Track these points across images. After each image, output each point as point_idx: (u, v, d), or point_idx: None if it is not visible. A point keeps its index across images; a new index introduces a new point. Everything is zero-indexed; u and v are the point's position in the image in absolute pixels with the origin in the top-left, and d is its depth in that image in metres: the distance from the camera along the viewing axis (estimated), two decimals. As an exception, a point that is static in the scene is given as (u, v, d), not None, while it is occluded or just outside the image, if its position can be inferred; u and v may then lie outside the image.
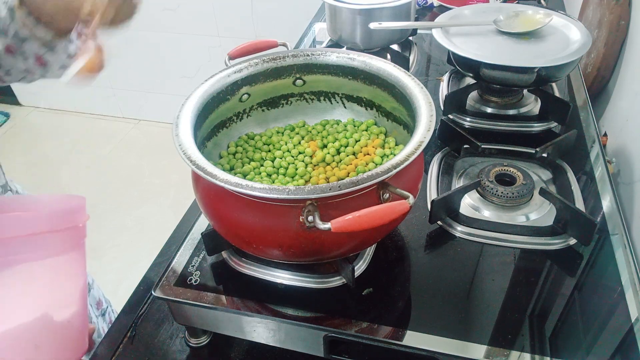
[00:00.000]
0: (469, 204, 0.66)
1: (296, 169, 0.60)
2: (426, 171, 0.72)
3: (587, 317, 0.52)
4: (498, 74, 0.76)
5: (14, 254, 0.40)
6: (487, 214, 0.65)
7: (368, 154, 0.61)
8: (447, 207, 0.64)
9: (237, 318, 0.54)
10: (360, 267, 0.56)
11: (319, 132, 0.66)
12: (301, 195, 0.42)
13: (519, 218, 0.64)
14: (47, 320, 0.43)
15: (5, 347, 0.40)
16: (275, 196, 0.43)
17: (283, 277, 0.56)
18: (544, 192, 0.63)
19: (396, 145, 0.62)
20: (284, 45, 0.68)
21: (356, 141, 0.63)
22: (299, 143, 0.65)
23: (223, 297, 0.54)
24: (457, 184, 0.70)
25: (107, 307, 0.85)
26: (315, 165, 0.61)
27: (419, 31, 1.13)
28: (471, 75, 0.84)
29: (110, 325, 0.80)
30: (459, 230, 0.62)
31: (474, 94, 0.88)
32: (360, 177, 0.44)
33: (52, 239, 0.43)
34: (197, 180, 0.53)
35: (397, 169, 0.45)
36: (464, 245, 0.61)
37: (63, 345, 0.45)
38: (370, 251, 0.58)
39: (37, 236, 0.41)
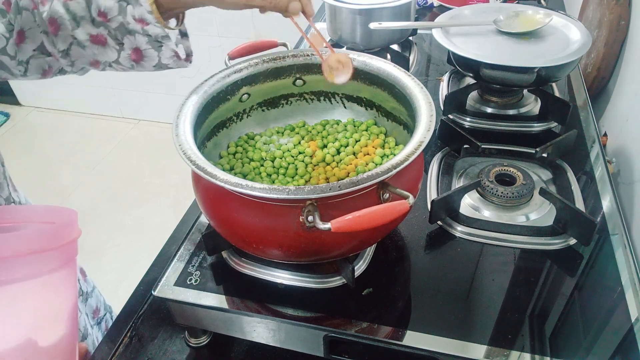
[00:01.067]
0: (469, 204, 0.66)
1: (296, 169, 0.60)
2: (426, 171, 0.72)
3: (587, 317, 0.52)
4: (498, 74, 0.76)
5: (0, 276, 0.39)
6: (487, 214, 0.65)
7: (368, 154, 0.61)
8: (447, 207, 0.64)
9: (237, 318, 0.54)
10: (360, 267, 0.56)
11: (319, 132, 0.66)
12: (301, 195, 0.42)
13: (519, 218, 0.64)
14: (33, 344, 0.41)
15: None
16: (275, 196, 0.43)
17: (283, 277, 0.56)
18: (544, 192, 0.63)
19: (396, 145, 0.62)
20: (284, 45, 0.68)
21: (356, 141, 0.63)
22: (299, 143, 0.65)
23: (223, 297, 0.54)
24: (457, 184, 0.70)
25: (106, 314, 0.83)
26: (315, 165, 0.61)
27: (419, 31, 1.13)
28: (471, 75, 0.84)
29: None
30: (459, 230, 0.62)
31: (474, 94, 0.88)
32: (360, 177, 0.44)
33: (40, 259, 0.41)
34: (197, 180, 0.53)
35: (397, 169, 0.45)
36: (464, 245, 0.61)
37: None
38: (370, 251, 0.58)
39: (24, 257, 0.39)
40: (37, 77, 0.58)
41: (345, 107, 0.68)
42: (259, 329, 0.54)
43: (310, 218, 0.44)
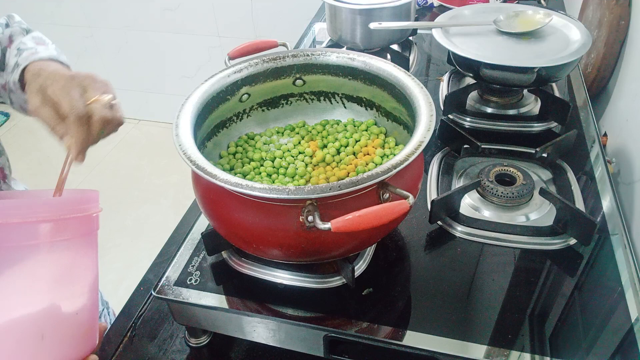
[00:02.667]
0: (469, 204, 0.66)
1: (296, 169, 0.60)
2: (426, 171, 0.72)
3: (587, 317, 0.52)
4: (498, 74, 0.76)
5: (24, 240, 0.40)
6: (487, 214, 0.65)
7: (368, 154, 0.61)
8: (447, 207, 0.64)
9: (237, 318, 0.54)
10: (360, 267, 0.56)
11: (319, 132, 0.66)
12: (301, 195, 0.42)
13: (519, 218, 0.64)
14: (54, 311, 0.42)
15: (10, 337, 0.40)
16: (275, 196, 0.43)
17: (283, 277, 0.56)
18: (544, 192, 0.63)
19: (396, 145, 0.62)
20: (284, 45, 0.68)
21: (356, 141, 0.63)
22: (299, 143, 0.65)
23: (223, 297, 0.54)
24: (457, 184, 0.70)
25: (104, 309, 0.84)
26: (315, 165, 0.61)
27: (419, 31, 1.13)
28: (471, 75, 0.84)
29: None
30: (459, 230, 0.62)
31: (474, 94, 0.88)
32: (360, 177, 0.44)
33: (62, 227, 0.42)
34: (197, 180, 0.53)
35: (397, 169, 0.45)
36: (464, 245, 0.61)
37: (70, 338, 0.44)
38: (370, 251, 0.58)
39: (47, 223, 0.41)
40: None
41: (345, 107, 0.68)
42: (259, 329, 0.54)
43: (310, 218, 0.44)
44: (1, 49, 0.59)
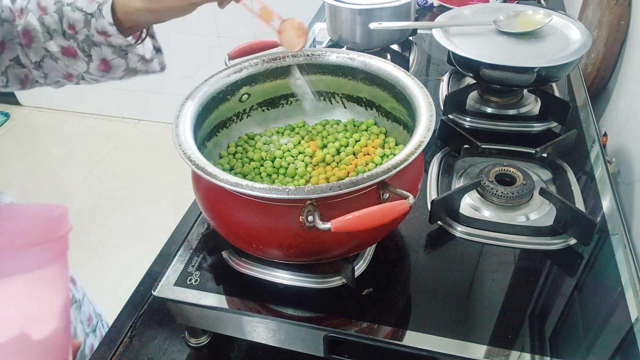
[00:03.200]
0: (469, 204, 0.66)
1: (296, 169, 0.60)
2: (426, 171, 0.72)
3: (587, 317, 0.52)
4: (498, 74, 0.76)
5: None
6: (487, 214, 0.65)
7: (368, 154, 0.61)
8: (447, 207, 0.64)
9: (237, 318, 0.54)
10: (360, 267, 0.56)
11: (319, 132, 0.66)
12: (301, 195, 0.43)
13: (519, 218, 0.64)
14: (26, 338, 0.41)
15: None
16: (275, 196, 0.43)
17: (283, 277, 0.56)
18: (544, 192, 0.63)
19: (396, 145, 0.62)
20: (284, 45, 0.68)
21: (356, 141, 0.63)
22: (299, 143, 0.65)
23: (223, 297, 0.54)
24: (457, 184, 0.70)
25: (97, 322, 0.83)
26: (315, 165, 0.61)
27: (419, 31, 1.13)
28: (471, 75, 0.84)
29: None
30: (459, 230, 0.62)
31: (474, 94, 0.88)
32: (360, 177, 0.44)
33: (31, 253, 0.41)
34: (198, 180, 0.53)
35: (397, 169, 0.45)
36: (464, 245, 0.61)
37: None
38: (370, 251, 0.58)
39: (16, 250, 0.40)
40: (18, 87, 0.60)
41: (345, 107, 0.68)
42: (259, 329, 0.54)
43: (310, 218, 0.44)
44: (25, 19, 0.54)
